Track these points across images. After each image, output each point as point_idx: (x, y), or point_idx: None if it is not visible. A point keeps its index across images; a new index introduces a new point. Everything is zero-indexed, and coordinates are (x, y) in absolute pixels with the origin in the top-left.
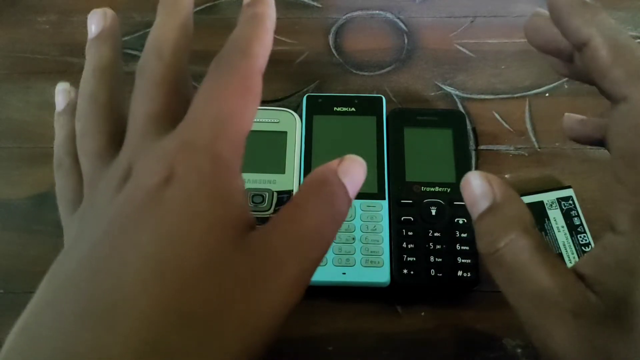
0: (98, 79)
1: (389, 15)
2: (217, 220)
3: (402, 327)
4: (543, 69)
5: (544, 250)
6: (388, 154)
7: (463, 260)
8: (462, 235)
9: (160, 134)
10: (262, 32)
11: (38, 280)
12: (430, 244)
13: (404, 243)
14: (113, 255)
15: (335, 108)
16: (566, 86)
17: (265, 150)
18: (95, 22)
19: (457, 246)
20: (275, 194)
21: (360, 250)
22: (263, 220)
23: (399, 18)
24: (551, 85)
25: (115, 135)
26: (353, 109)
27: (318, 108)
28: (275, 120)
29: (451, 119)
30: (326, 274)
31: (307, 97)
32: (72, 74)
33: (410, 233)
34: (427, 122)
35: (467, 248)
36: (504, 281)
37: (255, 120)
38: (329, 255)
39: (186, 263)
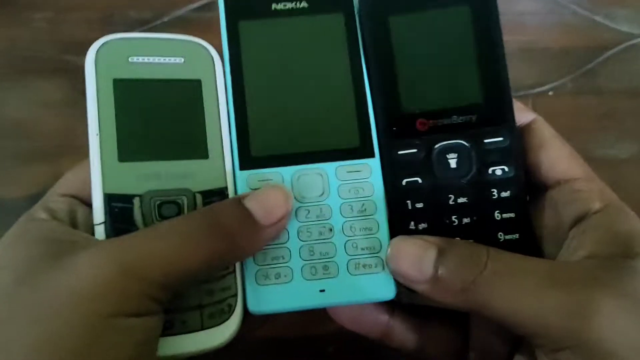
0: None
1: None
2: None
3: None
4: (546, 67)
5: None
6: (368, 71)
7: (507, 237)
8: (503, 194)
9: None
10: None
11: None
12: (454, 218)
13: (412, 223)
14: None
15: (274, 6)
16: (570, 84)
17: (171, 117)
18: None
19: (496, 214)
20: (198, 197)
21: (345, 249)
22: None
23: None
24: (555, 84)
25: None
26: (304, 5)
27: (245, 9)
28: (177, 60)
29: None
30: (293, 295)
31: None
32: (70, 72)
33: (419, 205)
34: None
35: (512, 215)
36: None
37: (145, 56)
38: (294, 265)
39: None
